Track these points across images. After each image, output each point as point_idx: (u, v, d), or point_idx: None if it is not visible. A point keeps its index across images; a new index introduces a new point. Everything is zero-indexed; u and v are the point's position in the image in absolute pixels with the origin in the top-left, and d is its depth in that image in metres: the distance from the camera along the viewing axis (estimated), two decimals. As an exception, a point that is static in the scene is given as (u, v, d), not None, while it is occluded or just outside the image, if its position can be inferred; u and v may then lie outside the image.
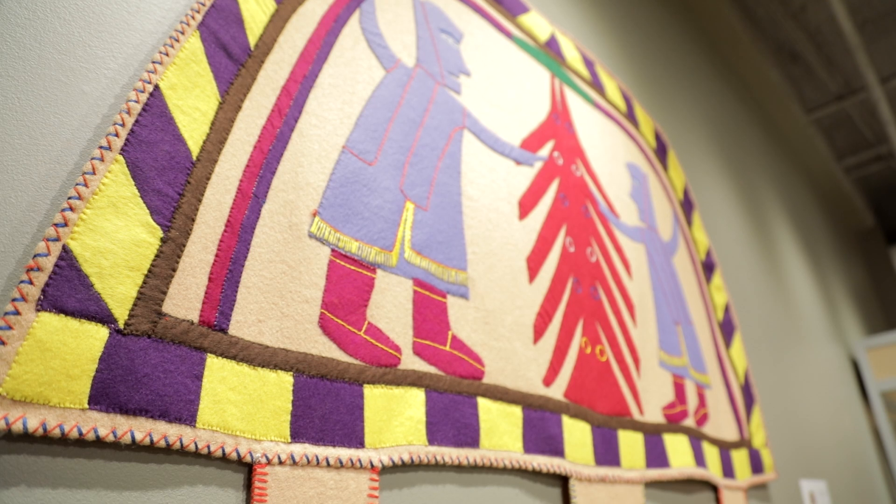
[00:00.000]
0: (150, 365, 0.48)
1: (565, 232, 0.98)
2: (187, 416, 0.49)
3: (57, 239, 0.45)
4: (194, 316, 0.52)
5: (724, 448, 1.27)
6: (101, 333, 0.45)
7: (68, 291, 0.44)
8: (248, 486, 0.53)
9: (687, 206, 1.53)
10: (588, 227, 1.05)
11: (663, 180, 1.46)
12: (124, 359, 0.46)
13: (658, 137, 1.52)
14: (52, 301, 0.43)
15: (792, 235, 2.62)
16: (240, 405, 0.52)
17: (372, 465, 0.59)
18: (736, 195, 2.05)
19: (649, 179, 1.38)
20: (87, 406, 0.44)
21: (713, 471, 1.19)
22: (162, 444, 0.47)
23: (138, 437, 0.46)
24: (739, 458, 1.33)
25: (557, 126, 1.09)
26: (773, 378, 1.77)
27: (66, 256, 0.45)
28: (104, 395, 0.45)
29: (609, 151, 1.25)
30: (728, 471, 1.26)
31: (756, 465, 1.39)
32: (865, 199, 4.19)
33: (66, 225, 0.45)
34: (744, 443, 1.37)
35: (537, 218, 0.94)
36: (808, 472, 1.83)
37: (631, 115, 1.42)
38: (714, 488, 1.22)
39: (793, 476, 1.70)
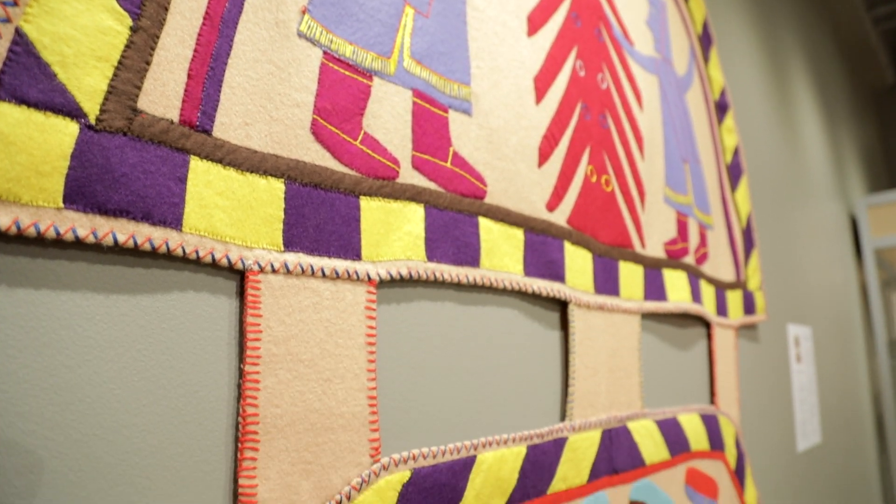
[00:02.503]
0: (128, 164, 0.44)
1: (576, 54, 0.91)
2: (172, 220, 0.46)
3: (7, 20, 0.39)
4: (174, 115, 0.47)
5: (720, 288, 1.29)
6: (70, 128, 0.41)
7: (28, 80, 0.40)
8: (241, 293, 0.51)
9: (705, 40, 1.44)
10: (600, 51, 0.98)
11: (682, 10, 1.35)
12: (99, 156, 0.42)
13: (681, -37, 1.39)
14: (10, 90, 0.39)
15: (808, 84, 2.51)
16: (228, 211, 0.49)
17: (369, 278, 0.58)
18: (756, 35, 1.93)
19: (668, 8, 1.27)
20: (62, 205, 0.41)
21: (708, 308, 1.20)
22: (147, 247, 0.45)
23: (121, 238, 0.43)
24: (734, 298, 1.35)
25: (573, -63, 0.98)
26: (774, 225, 1.76)
27: (21, 41, 0.40)
28: (80, 195, 0.41)
29: (627, -28, 1.14)
30: (722, 309, 1.28)
31: (749, 307, 1.42)
32: (890, 55, 3.98)
33: (15, 4, 0.40)
34: (739, 284, 1.39)
35: (547, 36, 0.86)
36: (795, 317, 1.88)
37: (653, -65, 1.28)
38: (707, 324, 1.24)
39: (781, 320, 1.75)
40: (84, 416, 0.42)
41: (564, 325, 0.83)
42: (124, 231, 0.43)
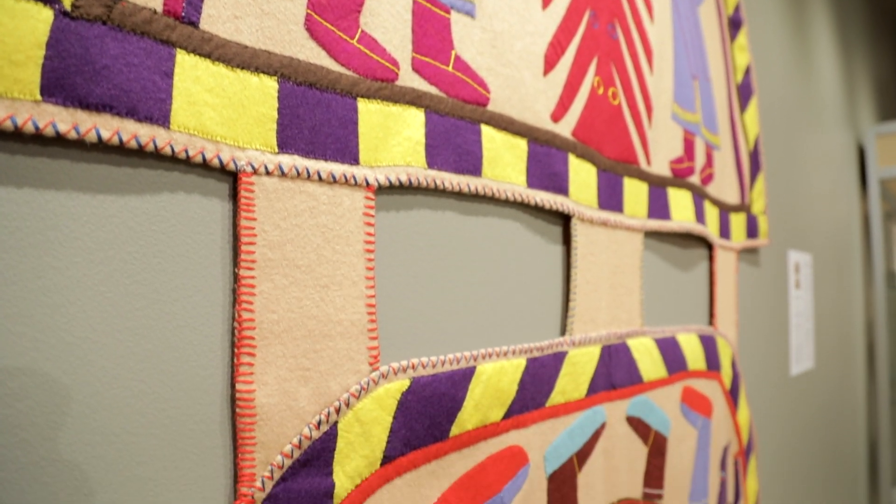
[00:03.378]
0: (110, 56, 0.41)
1: (586, -43, 0.86)
2: (159, 116, 0.43)
3: None
4: (157, 4, 0.44)
5: (725, 210, 1.27)
6: (43, 14, 0.38)
7: None
8: (234, 196, 0.50)
9: (721, -50, 1.36)
10: (612, -45, 0.92)
11: (699, -83, 1.27)
12: (77, 46, 0.39)
13: None
14: (-28, -29, 0.36)
15: (825, 4, 2.41)
16: (219, 109, 0.47)
17: (367, 183, 0.55)
18: (774, -51, 1.83)
19: (684, -87, 1.20)
20: (40, 98, 0.38)
21: (711, 229, 1.19)
22: (133, 144, 0.42)
23: (105, 135, 0.41)
24: (737, 221, 1.33)
25: None
26: (780, 150, 1.73)
27: None
28: (59, 87, 0.39)
29: None
30: (725, 231, 1.27)
31: (752, 230, 1.41)
32: (911, -25, 3.81)
33: None
34: (743, 207, 1.37)
35: (556, -65, 0.81)
36: (796, 244, 1.87)
37: None
38: (709, 246, 1.23)
39: (782, 245, 1.74)
40: (75, 319, 0.41)
41: (567, 239, 0.81)
42: (108, 127, 0.41)
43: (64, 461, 0.40)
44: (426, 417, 0.59)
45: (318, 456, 0.51)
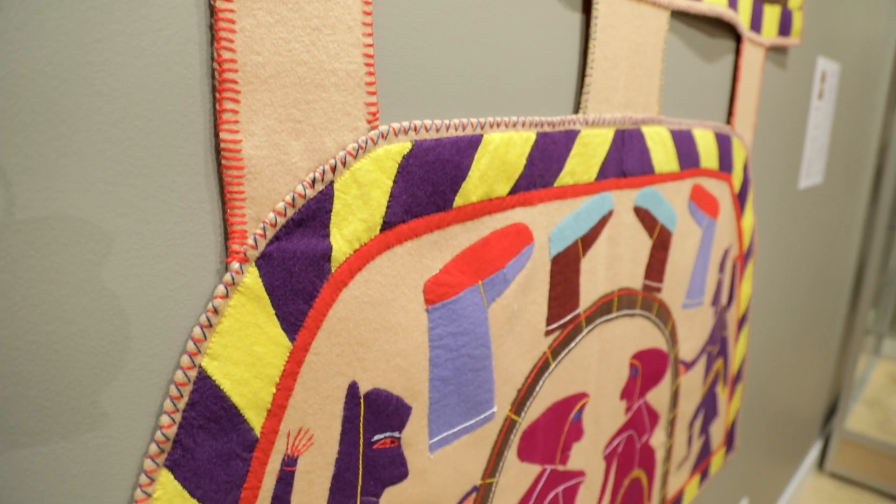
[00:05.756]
0: None
1: None
2: None
3: None
4: None
5: (759, 1, 1.15)
6: None
7: None
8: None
9: None
10: None
11: None
12: None
13: None
14: None
15: None
16: None
17: None
18: None
19: None
20: None
21: (742, 19, 1.08)
22: None
23: None
24: (771, 14, 1.22)
25: None
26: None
27: None
28: None
29: None
30: (756, 24, 1.16)
31: (784, 27, 1.29)
32: None
33: None
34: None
35: None
36: (827, 51, 1.74)
37: None
38: (737, 38, 1.13)
39: (812, 50, 1.62)
40: (31, 51, 0.36)
41: (587, 7, 0.73)
42: None
43: (34, 221, 0.37)
44: (428, 184, 0.55)
45: (313, 216, 0.48)
